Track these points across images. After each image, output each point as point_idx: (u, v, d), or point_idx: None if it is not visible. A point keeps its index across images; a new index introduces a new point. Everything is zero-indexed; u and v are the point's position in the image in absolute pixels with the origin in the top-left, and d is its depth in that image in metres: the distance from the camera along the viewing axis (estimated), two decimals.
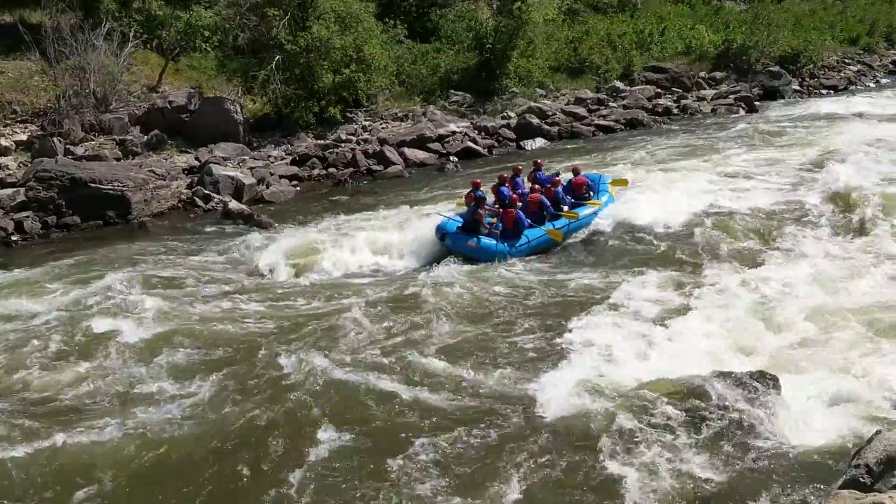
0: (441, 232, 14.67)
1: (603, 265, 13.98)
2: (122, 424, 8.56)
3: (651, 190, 17.95)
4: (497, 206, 15.45)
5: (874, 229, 15.05)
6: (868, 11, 53.92)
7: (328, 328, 11.07)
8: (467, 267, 13.73)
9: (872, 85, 39.48)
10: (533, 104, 28.71)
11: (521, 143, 26.26)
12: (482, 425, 8.54)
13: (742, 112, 31.27)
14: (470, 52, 29.87)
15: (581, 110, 29.64)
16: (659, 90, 33.37)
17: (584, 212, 15.87)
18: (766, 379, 8.50)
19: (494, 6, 32.22)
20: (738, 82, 35.75)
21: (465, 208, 15.37)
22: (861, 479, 5.66)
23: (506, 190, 15.69)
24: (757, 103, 32.59)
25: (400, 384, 9.39)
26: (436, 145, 24.44)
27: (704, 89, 34.71)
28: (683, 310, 11.56)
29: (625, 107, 30.87)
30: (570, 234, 15.40)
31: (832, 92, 36.86)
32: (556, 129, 27.64)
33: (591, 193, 16.72)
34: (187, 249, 15.18)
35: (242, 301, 12.31)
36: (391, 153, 23.09)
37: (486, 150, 25.18)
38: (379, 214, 17.16)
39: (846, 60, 43.96)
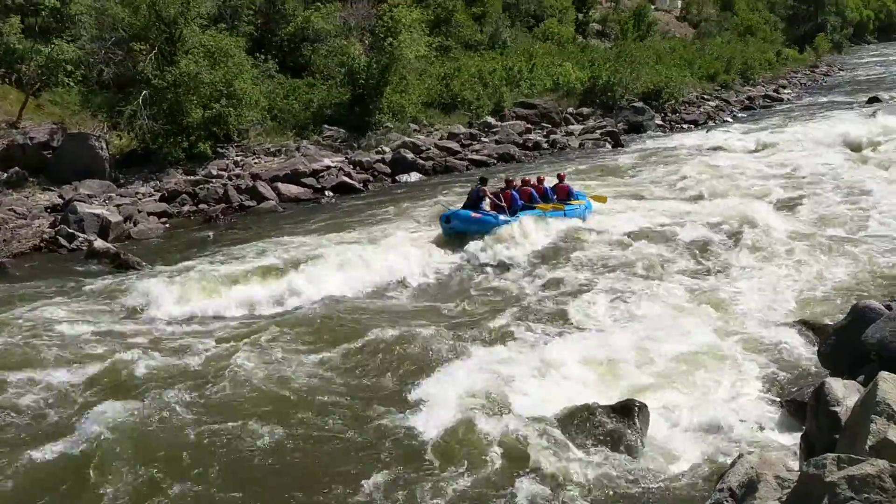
0: (445, 217, 16.94)
1: (492, 292, 14.28)
2: None
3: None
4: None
5: (742, 259, 15.73)
6: (724, 50, 56.63)
7: (202, 364, 10.78)
8: (343, 304, 13.68)
9: (730, 120, 41.25)
10: (407, 139, 28.91)
11: (397, 177, 26.39)
12: (363, 442, 8.52)
13: (609, 146, 32.26)
14: (343, 88, 29.97)
15: (454, 145, 30.00)
16: (529, 125, 34.14)
17: (569, 208, 18.51)
18: (636, 406, 8.73)
19: (367, 42, 32.43)
20: (605, 118, 36.89)
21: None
22: (725, 503, 5.86)
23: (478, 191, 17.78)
24: (623, 138, 33.68)
25: (289, 408, 9.24)
26: (310, 180, 24.29)
27: (572, 124, 35.69)
28: (565, 335, 11.86)
29: (497, 142, 31.41)
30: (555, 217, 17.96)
31: (693, 126, 38.32)
32: (430, 163, 27.87)
33: (572, 198, 19.11)
34: (50, 290, 14.48)
35: (109, 340, 11.84)
36: (264, 188, 22.83)
37: (361, 184, 25.17)
38: (252, 250, 16.87)
39: (705, 96, 45.95)
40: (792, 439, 8.11)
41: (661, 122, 38.26)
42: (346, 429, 9.03)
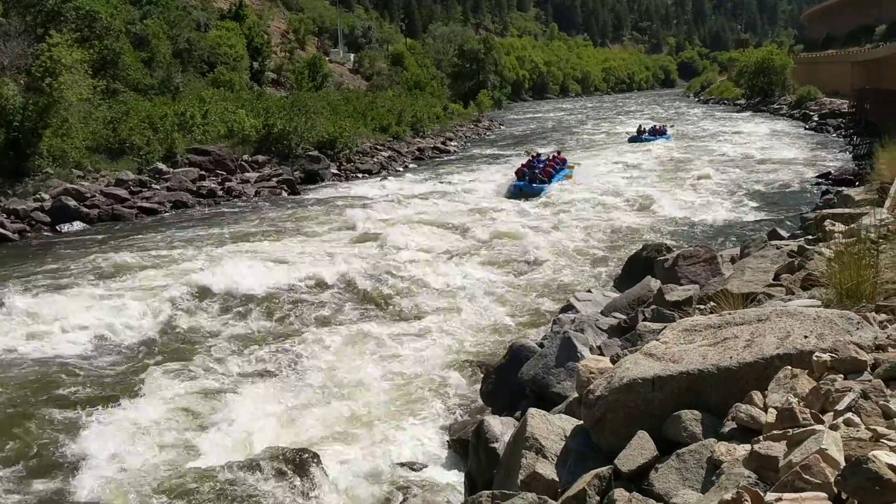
0: (517, 187, 29.97)
1: (157, 344, 13.57)
2: None
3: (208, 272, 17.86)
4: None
5: (412, 303, 16.22)
6: (396, 103, 58.78)
7: None
8: None
9: (401, 169, 42.78)
10: (69, 186, 27.18)
11: (58, 226, 24.80)
12: None
13: (285, 194, 32.35)
14: None
15: (123, 192, 28.64)
16: (203, 172, 33.27)
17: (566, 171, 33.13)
18: (307, 455, 8.68)
19: (22, 82, 30.16)
20: (281, 166, 36.85)
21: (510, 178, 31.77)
22: None
23: (535, 162, 32.35)
24: (299, 186, 33.90)
25: None
26: None
27: (248, 172, 35.29)
28: (231, 389, 11.56)
29: (169, 188, 30.40)
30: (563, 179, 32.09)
31: (367, 175, 39.29)
32: (96, 211, 26.46)
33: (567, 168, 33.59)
34: None
35: None
36: None
37: (16, 234, 23.34)
38: None
39: (378, 147, 47.21)
40: (457, 477, 8.43)
41: (336, 171, 38.82)
42: None
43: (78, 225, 25.16)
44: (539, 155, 33.75)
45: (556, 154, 34.00)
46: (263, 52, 61.01)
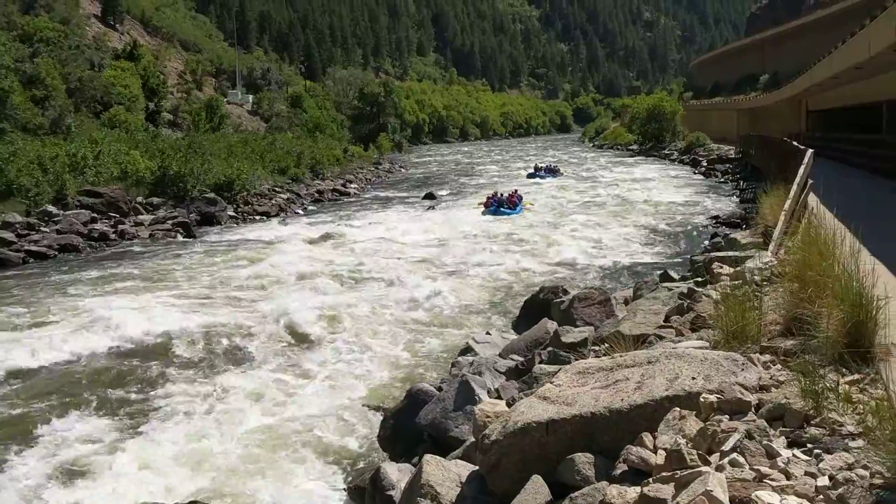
0: (490, 212, 35.53)
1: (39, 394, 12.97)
2: None
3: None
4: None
5: (306, 347, 15.98)
6: (294, 144, 58.53)
7: None
8: None
9: (301, 212, 42.41)
10: None
11: None
12: None
13: (180, 237, 31.69)
14: None
15: (9, 235, 27.58)
16: (95, 215, 32.39)
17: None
18: None
19: None
20: (176, 208, 36.18)
21: (482, 206, 37.48)
22: None
23: (501, 196, 37.77)
24: (195, 228, 33.29)
25: None
26: None
27: (142, 214, 34.56)
28: (109, 444, 11.09)
29: (59, 231, 29.44)
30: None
31: (265, 217, 38.81)
32: None
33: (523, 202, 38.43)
34: None
35: None
36: None
37: None
38: None
39: (277, 189, 46.85)
40: None
41: (233, 214, 38.29)
42: None
43: None
44: (496, 193, 38.54)
45: (514, 192, 38.70)
46: (160, 93, 60.11)
